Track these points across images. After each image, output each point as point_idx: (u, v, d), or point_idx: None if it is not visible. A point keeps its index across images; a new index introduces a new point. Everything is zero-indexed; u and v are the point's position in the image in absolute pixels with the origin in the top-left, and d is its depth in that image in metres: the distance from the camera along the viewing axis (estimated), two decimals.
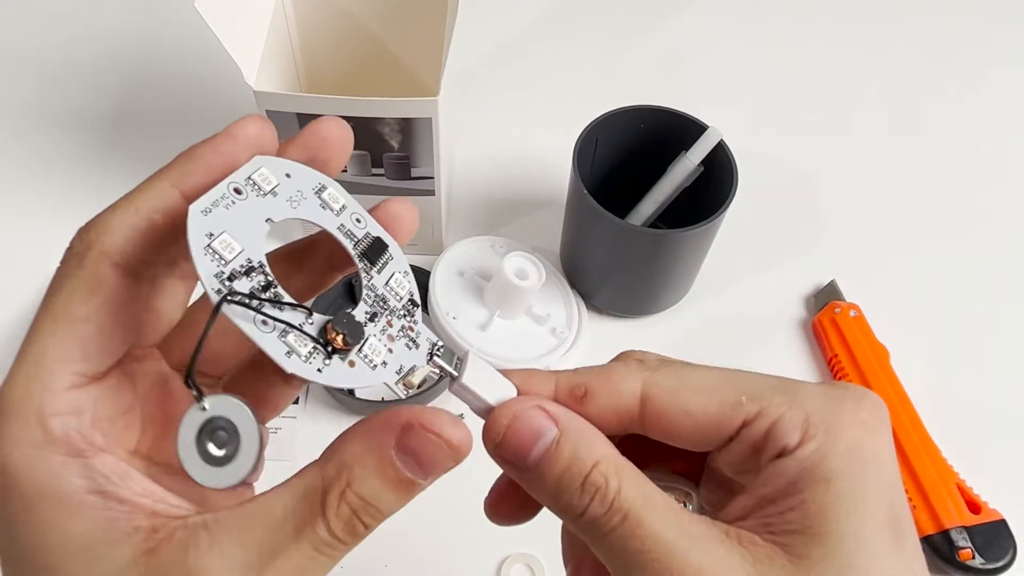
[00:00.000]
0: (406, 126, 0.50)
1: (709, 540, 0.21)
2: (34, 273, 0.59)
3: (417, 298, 0.25)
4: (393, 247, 0.25)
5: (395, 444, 0.21)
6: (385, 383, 0.23)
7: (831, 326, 0.56)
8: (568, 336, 0.55)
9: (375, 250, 0.25)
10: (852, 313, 0.56)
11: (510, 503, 0.27)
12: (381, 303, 0.24)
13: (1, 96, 0.70)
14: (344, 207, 0.25)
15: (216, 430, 0.21)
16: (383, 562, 0.48)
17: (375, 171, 0.53)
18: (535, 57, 0.76)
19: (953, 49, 0.79)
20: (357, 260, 0.24)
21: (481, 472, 0.26)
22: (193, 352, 0.20)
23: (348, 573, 0.48)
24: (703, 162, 0.54)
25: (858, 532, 0.21)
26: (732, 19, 0.80)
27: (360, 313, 0.23)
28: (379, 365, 0.23)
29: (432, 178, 0.53)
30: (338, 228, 0.24)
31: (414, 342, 0.24)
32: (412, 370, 0.24)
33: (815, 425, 0.22)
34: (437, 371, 0.24)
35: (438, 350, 0.25)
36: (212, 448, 0.21)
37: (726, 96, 0.73)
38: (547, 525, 0.28)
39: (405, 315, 0.25)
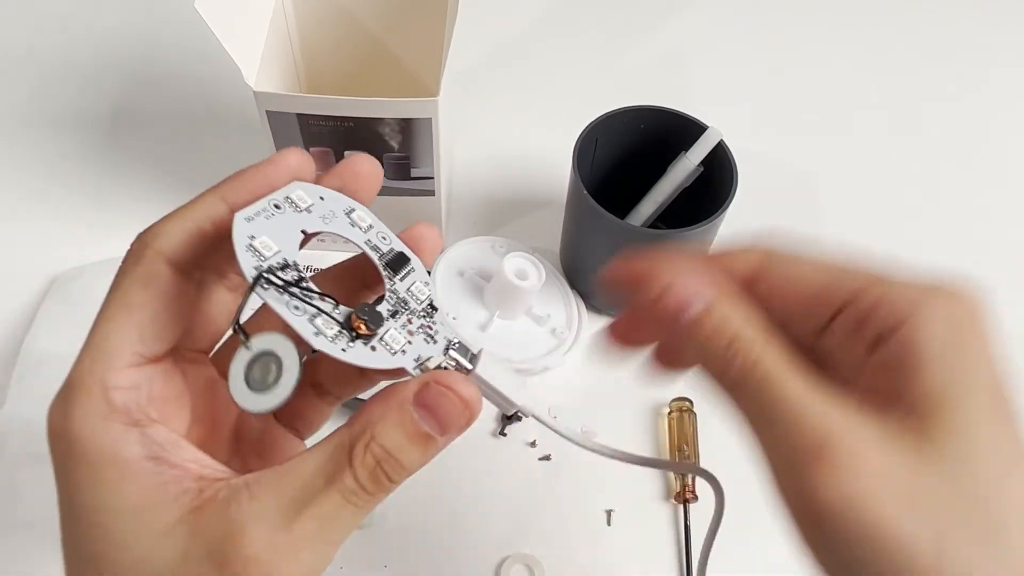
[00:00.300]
0: (406, 126, 0.50)
1: (845, 407, 0.22)
2: (34, 272, 0.59)
3: (437, 304, 0.28)
4: (415, 261, 0.28)
5: (413, 399, 0.23)
6: (403, 367, 0.25)
7: None
8: (568, 336, 0.55)
9: (398, 262, 0.27)
10: None
11: (643, 336, 0.29)
12: (402, 304, 0.27)
13: (1, 96, 0.70)
14: (371, 226, 0.28)
15: (261, 363, 0.24)
16: (383, 562, 0.48)
17: None
18: (535, 57, 0.76)
19: (953, 49, 0.79)
20: (381, 269, 0.27)
21: (481, 472, 0.26)
22: (239, 305, 0.23)
23: (348, 573, 0.48)
24: (703, 162, 0.54)
25: (971, 418, 0.21)
26: (732, 19, 0.80)
27: (382, 309, 0.26)
28: (398, 352, 0.25)
29: (432, 178, 0.53)
30: (365, 242, 0.27)
31: (432, 338, 0.27)
32: (429, 360, 0.26)
33: (911, 312, 0.22)
34: (453, 363, 0.26)
35: (454, 345, 0.27)
36: (257, 377, 0.23)
37: (726, 96, 0.73)
38: (547, 526, 0.28)
39: (424, 315, 0.27)
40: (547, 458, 0.51)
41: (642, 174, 0.57)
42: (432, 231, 0.29)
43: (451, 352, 0.26)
